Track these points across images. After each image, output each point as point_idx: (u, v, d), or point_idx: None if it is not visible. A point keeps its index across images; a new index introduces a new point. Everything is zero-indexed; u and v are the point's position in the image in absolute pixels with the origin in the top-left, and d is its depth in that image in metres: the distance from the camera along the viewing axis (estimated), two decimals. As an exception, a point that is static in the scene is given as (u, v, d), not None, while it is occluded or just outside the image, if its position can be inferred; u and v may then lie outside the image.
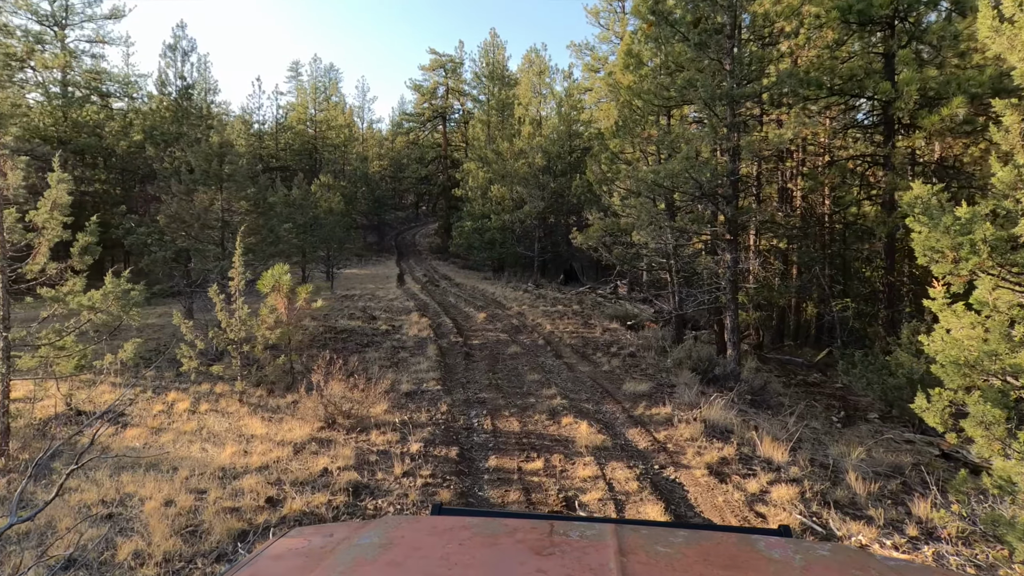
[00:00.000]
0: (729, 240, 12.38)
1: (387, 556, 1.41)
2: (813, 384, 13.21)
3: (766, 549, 1.52)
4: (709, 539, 1.62)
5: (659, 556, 1.40)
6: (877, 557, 1.54)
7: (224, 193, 12.40)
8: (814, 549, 1.63)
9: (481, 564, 1.37)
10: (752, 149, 11.06)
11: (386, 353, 12.06)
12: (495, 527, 1.63)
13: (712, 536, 1.68)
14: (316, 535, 1.60)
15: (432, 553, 1.42)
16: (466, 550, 1.43)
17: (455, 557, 1.38)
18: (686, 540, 1.55)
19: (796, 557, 1.49)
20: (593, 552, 1.41)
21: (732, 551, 1.53)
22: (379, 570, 1.33)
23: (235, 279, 8.26)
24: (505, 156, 29.00)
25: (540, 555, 1.38)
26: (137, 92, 33.10)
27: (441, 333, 14.47)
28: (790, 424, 9.32)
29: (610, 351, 12.96)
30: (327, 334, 13.42)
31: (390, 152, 51.87)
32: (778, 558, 1.46)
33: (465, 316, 17.50)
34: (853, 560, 1.51)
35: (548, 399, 9.33)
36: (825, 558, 1.52)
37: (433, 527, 1.61)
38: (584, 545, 1.47)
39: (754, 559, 1.48)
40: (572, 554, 1.41)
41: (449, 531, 1.56)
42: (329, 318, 15.97)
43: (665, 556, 1.41)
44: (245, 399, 8.50)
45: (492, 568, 1.35)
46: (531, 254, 29.09)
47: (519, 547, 1.46)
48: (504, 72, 36.78)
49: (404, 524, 1.77)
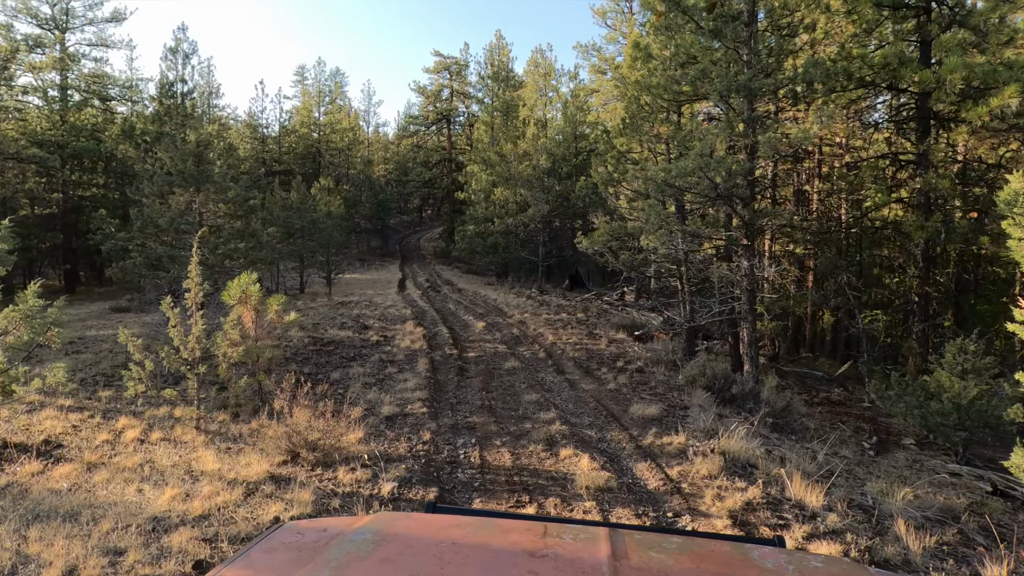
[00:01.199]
0: (746, 245, 11.23)
1: (380, 553, 1.39)
2: (838, 403, 12.00)
3: (760, 558, 1.49)
4: (702, 546, 1.60)
5: (652, 561, 1.38)
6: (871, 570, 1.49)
7: (201, 195, 11.40)
8: (808, 560, 1.60)
9: (474, 563, 1.35)
10: (772, 146, 9.91)
11: (372, 368, 10.98)
12: (489, 527, 1.61)
13: (705, 543, 1.65)
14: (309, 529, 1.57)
15: (425, 551, 1.40)
16: (459, 549, 1.41)
17: (448, 556, 1.36)
18: (679, 547, 1.54)
19: (789, 568, 1.46)
20: (586, 555, 1.39)
21: (725, 559, 1.48)
22: (371, 566, 1.32)
23: (192, 290, 7.22)
24: (509, 158, 27.93)
25: (533, 556, 1.37)
26: (138, 96, 32.34)
27: (436, 344, 13.39)
28: (820, 455, 8.15)
29: (616, 366, 11.82)
30: (312, 346, 12.38)
31: (395, 156, 51.00)
32: (771, 567, 1.44)
33: (463, 325, 16.41)
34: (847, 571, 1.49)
35: (546, 424, 8.21)
36: (818, 568, 1.50)
37: (427, 525, 1.60)
38: (577, 547, 1.45)
39: (747, 567, 1.44)
40: (565, 556, 1.39)
41: (443, 529, 1.55)
42: (320, 327, 14.95)
43: (658, 562, 1.39)
44: (203, 427, 7.44)
45: (485, 567, 1.33)
46: (535, 259, 27.97)
47: (513, 547, 1.44)
48: (509, 73, 35.75)
49: (398, 521, 1.75)
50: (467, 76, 43.65)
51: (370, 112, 57.12)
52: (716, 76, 9.95)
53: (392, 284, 28.19)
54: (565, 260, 29.58)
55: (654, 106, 13.27)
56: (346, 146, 44.55)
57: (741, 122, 10.90)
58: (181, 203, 11.25)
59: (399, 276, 31.57)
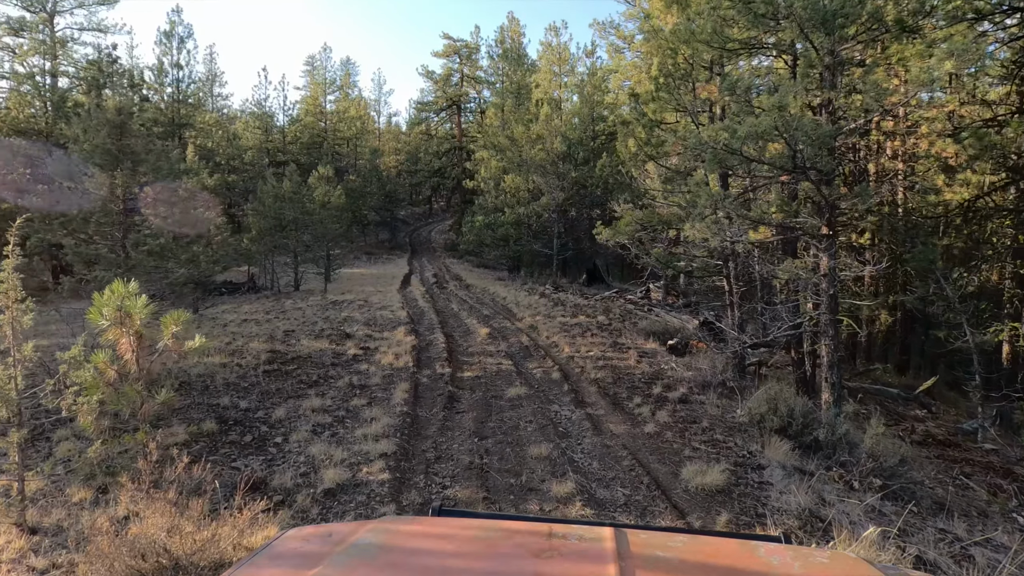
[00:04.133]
0: (826, 236, 8.21)
1: (386, 558, 1.37)
2: (945, 442, 8.91)
3: (765, 555, 1.44)
4: (708, 544, 1.57)
5: (658, 561, 1.36)
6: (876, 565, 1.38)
7: (122, 175, 8.71)
8: (813, 556, 1.55)
9: (480, 566, 1.32)
10: (876, 93, 6.86)
11: (335, 399, 8.21)
12: (494, 530, 1.59)
13: (711, 542, 1.61)
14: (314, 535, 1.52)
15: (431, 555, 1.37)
16: (464, 552, 1.39)
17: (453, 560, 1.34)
18: (685, 545, 1.51)
19: (795, 564, 1.41)
20: (592, 556, 1.35)
21: (731, 557, 1.43)
22: (377, 571, 1.29)
23: (7, 310, 4.48)
24: (520, 142, 24.90)
25: (539, 558, 1.32)
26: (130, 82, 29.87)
27: (426, 360, 10.60)
28: (978, 556, 5.18)
29: (652, 392, 8.90)
30: (269, 365, 9.64)
31: (407, 146, 48.13)
32: (777, 564, 1.39)
33: (464, 331, 13.60)
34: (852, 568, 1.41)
35: (561, 503, 5.36)
36: (823, 565, 1.46)
37: (432, 528, 1.58)
38: (583, 548, 1.41)
39: (753, 565, 1.39)
40: (571, 557, 1.35)
41: (448, 533, 1.52)
42: (292, 336, 12.25)
43: (664, 561, 1.36)
44: (28, 521, 4.71)
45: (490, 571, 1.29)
46: (549, 251, 25.00)
47: (518, 550, 1.40)
48: (521, 52, 32.57)
49: (404, 525, 1.74)
50: (478, 60, 40.57)
51: (381, 102, 54.39)
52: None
53: (396, 280, 25.45)
54: (582, 253, 26.56)
55: (695, 61, 10.22)
56: (354, 135, 41.82)
57: (821, 69, 7.85)
58: (102, 186, 8.58)
59: (405, 271, 28.82)
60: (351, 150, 42.14)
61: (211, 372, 8.96)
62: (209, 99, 38.51)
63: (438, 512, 1.78)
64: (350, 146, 42.04)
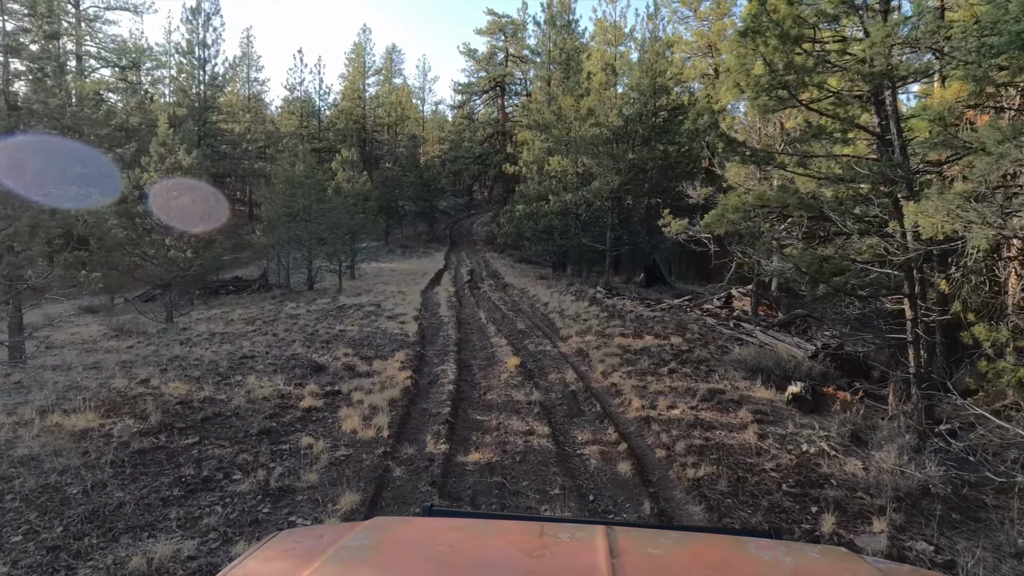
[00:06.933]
0: None
1: (377, 558, 1.31)
2: None
3: (756, 551, 1.40)
4: (699, 541, 1.53)
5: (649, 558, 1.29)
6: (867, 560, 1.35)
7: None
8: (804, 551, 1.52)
9: (471, 566, 1.26)
10: None
11: (217, 532, 4.25)
12: (486, 529, 1.52)
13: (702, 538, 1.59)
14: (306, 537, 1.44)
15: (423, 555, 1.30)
16: (457, 552, 1.32)
17: (445, 559, 1.28)
18: (676, 542, 1.45)
19: (786, 559, 1.37)
20: (583, 554, 1.29)
21: (722, 553, 1.39)
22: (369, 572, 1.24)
23: None
24: (569, 118, 20.44)
25: (530, 557, 1.27)
26: (150, 61, 27.21)
27: (415, 421, 6.58)
28: None
29: (820, 529, 4.51)
30: (159, 433, 5.80)
31: (451, 135, 44.26)
32: (768, 560, 1.35)
33: (487, 360, 9.51)
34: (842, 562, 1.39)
35: None
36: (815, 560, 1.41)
37: (424, 528, 1.50)
38: (574, 546, 1.35)
39: (744, 561, 1.35)
40: (562, 556, 1.31)
41: (440, 533, 1.45)
42: (240, 368, 8.49)
43: (655, 558, 1.30)
44: None
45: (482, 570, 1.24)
46: (602, 246, 20.52)
47: (509, 549, 1.34)
48: (572, 19, 27.90)
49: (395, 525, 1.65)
50: (524, 38, 36.08)
51: (425, 89, 50.84)
52: None
53: (426, 277, 21.63)
54: (639, 248, 21.92)
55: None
56: (393, 122, 38.30)
57: None
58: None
59: (439, 267, 25.01)
60: (391, 137, 38.67)
61: (49, 452, 5.21)
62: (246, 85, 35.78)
63: (429, 512, 1.72)
64: (390, 133, 38.57)
